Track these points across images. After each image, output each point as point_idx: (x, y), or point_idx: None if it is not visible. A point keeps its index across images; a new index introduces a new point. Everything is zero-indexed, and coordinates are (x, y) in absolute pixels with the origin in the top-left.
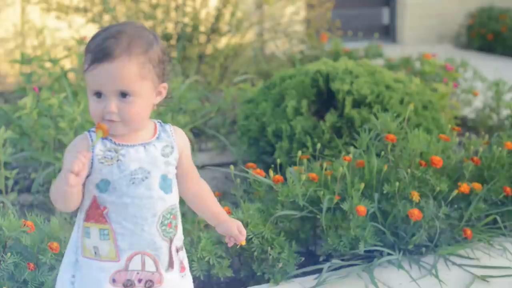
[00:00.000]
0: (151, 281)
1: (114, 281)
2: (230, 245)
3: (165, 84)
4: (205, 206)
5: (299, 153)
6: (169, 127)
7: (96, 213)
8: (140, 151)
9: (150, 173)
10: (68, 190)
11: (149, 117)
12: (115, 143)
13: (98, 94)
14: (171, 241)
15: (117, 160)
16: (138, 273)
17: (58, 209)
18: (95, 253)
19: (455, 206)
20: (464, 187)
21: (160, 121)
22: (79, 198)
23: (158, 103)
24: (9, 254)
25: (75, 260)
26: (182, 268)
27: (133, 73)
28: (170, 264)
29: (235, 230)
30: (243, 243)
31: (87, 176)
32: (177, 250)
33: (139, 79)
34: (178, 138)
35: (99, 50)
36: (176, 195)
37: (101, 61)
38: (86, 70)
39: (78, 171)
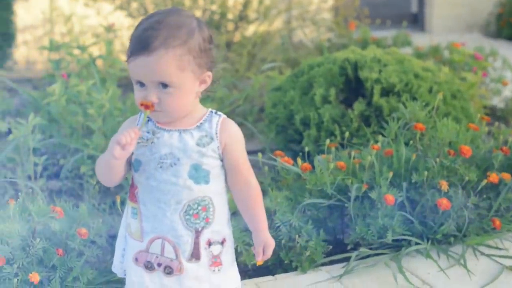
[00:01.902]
0: (170, 267)
1: (136, 260)
2: (253, 250)
3: (209, 73)
4: (247, 208)
5: (327, 141)
6: (217, 119)
7: (131, 191)
8: (174, 136)
9: (180, 160)
10: (111, 162)
11: (195, 104)
12: (155, 125)
13: (141, 83)
14: (197, 232)
15: (151, 142)
16: (157, 257)
17: (100, 181)
18: (130, 230)
19: (484, 196)
20: (493, 177)
21: (213, 111)
22: (121, 175)
23: (203, 91)
24: (38, 239)
25: (125, 235)
26: (215, 263)
27: (171, 66)
28: (195, 255)
29: (258, 247)
30: (259, 263)
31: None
32: (210, 244)
33: (177, 71)
34: (223, 131)
35: (137, 42)
36: (213, 188)
37: (139, 54)
38: (127, 61)
39: (124, 144)
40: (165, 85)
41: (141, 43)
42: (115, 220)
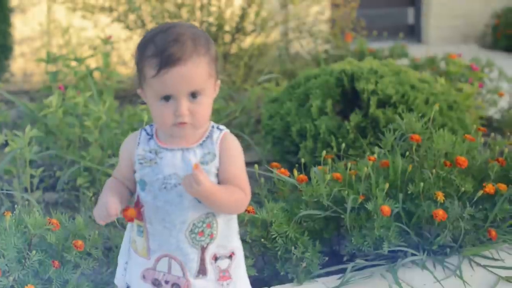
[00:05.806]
0: (177, 284)
1: (144, 277)
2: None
3: (219, 81)
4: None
5: (324, 152)
6: (218, 135)
7: (137, 209)
8: (177, 156)
9: None
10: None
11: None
12: (157, 145)
13: (167, 98)
14: (203, 249)
15: (155, 163)
16: (164, 274)
17: None
18: (135, 247)
19: (480, 206)
20: (489, 187)
21: (215, 125)
22: (124, 202)
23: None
24: (34, 251)
25: (129, 248)
26: (224, 277)
27: (204, 72)
28: (201, 271)
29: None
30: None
31: (134, 173)
32: (216, 258)
33: (208, 78)
34: (222, 145)
35: (168, 55)
36: None
37: (173, 65)
38: (155, 76)
39: (103, 222)
40: (194, 95)
41: (173, 55)
42: (111, 232)
